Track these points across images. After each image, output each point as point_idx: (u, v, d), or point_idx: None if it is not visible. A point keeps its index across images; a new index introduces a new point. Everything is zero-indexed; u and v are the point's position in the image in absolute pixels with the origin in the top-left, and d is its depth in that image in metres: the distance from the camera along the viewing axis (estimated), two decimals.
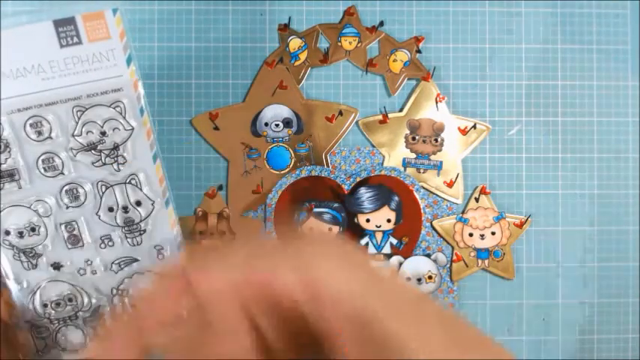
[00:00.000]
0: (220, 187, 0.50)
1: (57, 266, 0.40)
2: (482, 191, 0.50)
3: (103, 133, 0.38)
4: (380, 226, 0.50)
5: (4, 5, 0.48)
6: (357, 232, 0.50)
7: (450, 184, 0.50)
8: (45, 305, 0.40)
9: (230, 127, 0.49)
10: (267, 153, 0.50)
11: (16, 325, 0.38)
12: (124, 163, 0.39)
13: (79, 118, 0.38)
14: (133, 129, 0.39)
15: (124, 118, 0.39)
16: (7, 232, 0.39)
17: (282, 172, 0.50)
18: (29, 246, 0.39)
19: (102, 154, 0.39)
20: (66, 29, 0.37)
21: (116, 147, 0.39)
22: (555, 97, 0.51)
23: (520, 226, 0.50)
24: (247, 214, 0.50)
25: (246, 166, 0.49)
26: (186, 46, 0.49)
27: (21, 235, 0.39)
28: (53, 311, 0.40)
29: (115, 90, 0.38)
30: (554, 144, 0.51)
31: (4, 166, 0.37)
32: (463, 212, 0.50)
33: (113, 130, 0.39)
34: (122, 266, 0.41)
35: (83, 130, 0.38)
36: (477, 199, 0.50)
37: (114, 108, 0.38)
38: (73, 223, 0.40)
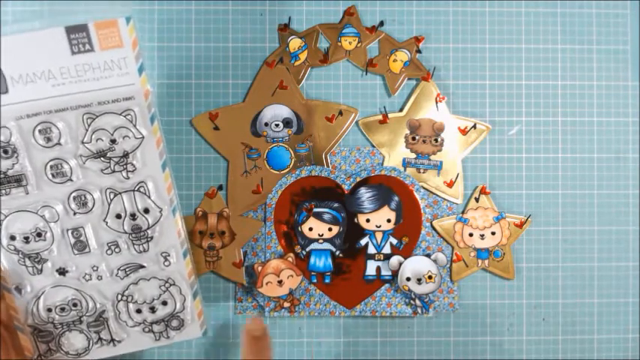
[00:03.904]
0: (220, 187, 0.50)
1: (62, 271, 0.40)
2: (482, 191, 0.51)
3: (113, 141, 0.39)
4: (380, 226, 0.50)
5: (4, 5, 0.48)
6: (357, 232, 0.50)
7: (450, 184, 0.51)
8: (49, 310, 0.41)
9: (230, 127, 0.50)
10: (267, 153, 0.50)
11: (18, 328, 0.39)
12: (133, 171, 0.40)
13: (89, 126, 0.38)
14: (143, 137, 0.39)
15: (135, 126, 0.39)
16: (13, 237, 0.39)
17: (282, 172, 0.50)
18: (35, 251, 0.40)
19: (111, 161, 0.39)
20: (78, 36, 0.37)
21: (126, 155, 0.39)
22: (555, 97, 0.52)
23: (520, 226, 0.51)
24: (247, 214, 0.50)
25: (246, 166, 0.50)
26: (186, 46, 0.50)
27: (27, 240, 0.39)
28: (57, 316, 0.41)
29: (127, 98, 0.39)
30: (554, 144, 0.51)
31: (11, 172, 0.38)
32: (463, 212, 0.51)
33: (123, 138, 0.39)
34: (128, 272, 0.42)
35: (93, 137, 0.39)
36: (477, 199, 0.50)
37: (125, 116, 0.38)
38: (80, 229, 0.40)
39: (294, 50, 0.51)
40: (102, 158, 0.39)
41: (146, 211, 0.41)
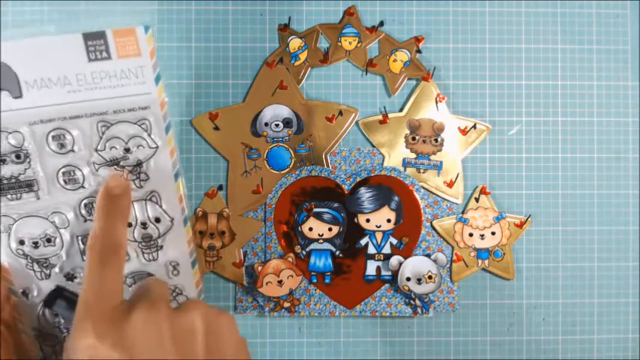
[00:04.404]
0: (220, 187, 0.50)
1: (70, 277, 0.40)
2: (482, 191, 0.51)
3: (127, 150, 0.38)
4: (380, 226, 0.50)
5: (4, 5, 0.48)
6: (357, 232, 0.50)
7: (450, 184, 0.51)
8: (56, 315, 0.40)
9: (230, 127, 0.50)
10: (267, 153, 0.50)
11: (22, 331, 0.39)
12: (145, 180, 0.39)
13: (103, 134, 0.38)
14: (157, 147, 0.39)
15: (149, 135, 0.39)
16: (22, 242, 0.39)
17: (282, 172, 0.50)
18: (43, 256, 0.40)
19: (124, 170, 0.39)
20: (95, 43, 0.37)
21: (139, 164, 0.39)
22: (555, 97, 0.52)
23: (520, 226, 0.51)
24: (247, 214, 0.50)
25: (246, 166, 0.50)
26: (187, 46, 0.50)
27: (36, 245, 0.39)
28: (63, 321, 0.41)
29: (143, 108, 0.38)
30: (554, 144, 0.51)
31: (22, 177, 0.37)
32: (463, 212, 0.51)
33: (137, 147, 0.39)
34: (136, 280, 0.41)
35: (107, 145, 0.38)
36: (477, 199, 0.50)
37: (139, 125, 0.38)
38: None
39: (294, 50, 0.51)
40: (115, 166, 0.39)
41: (157, 220, 0.40)
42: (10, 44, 0.36)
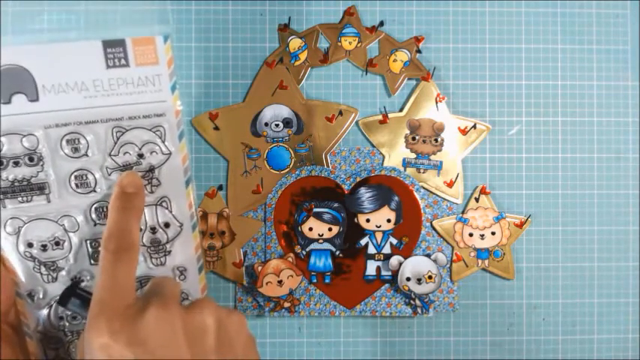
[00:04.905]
0: (220, 187, 0.50)
1: (77, 281, 0.40)
2: (482, 191, 0.51)
3: (140, 155, 0.39)
4: (380, 226, 0.50)
5: (5, 5, 0.48)
6: (357, 232, 0.50)
7: (450, 184, 0.51)
8: (61, 318, 0.40)
9: (230, 127, 0.50)
10: (267, 153, 0.50)
11: (27, 334, 0.39)
12: (157, 186, 0.40)
13: (117, 139, 0.38)
14: (170, 153, 0.39)
15: (163, 142, 0.39)
16: (30, 244, 0.39)
17: (282, 172, 0.50)
18: (51, 259, 0.40)
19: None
20: (114, 51, 0.37)
21: (152, 169, 0.39)
22: (555, 97, 0.52)
23: (520, 226, 0.51)
24: (247, 214, 0.50)
25: (246, 166, 0.50)
26: (187, 46, 0.50)
27: (44, 248, 0.39)
28: (68, 324, 0.41)
29: (158, 115, 0.39)
30: (554, 144, 0.51)
31: (34, 179, 0.38)
32: (463, 212, 0.51)
33: (151, 153, 0.39)
34: (143, 284, 0.41)
35: (121, 150, 0.38)
36: (477, 199, 0.51)
37: (154, 132, 0.38)
38: (100, 240, 0.40)
39: (294, 50, 0.51)
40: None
41: (166, 225, 0.41)
42: (30, 48, 0.36)
